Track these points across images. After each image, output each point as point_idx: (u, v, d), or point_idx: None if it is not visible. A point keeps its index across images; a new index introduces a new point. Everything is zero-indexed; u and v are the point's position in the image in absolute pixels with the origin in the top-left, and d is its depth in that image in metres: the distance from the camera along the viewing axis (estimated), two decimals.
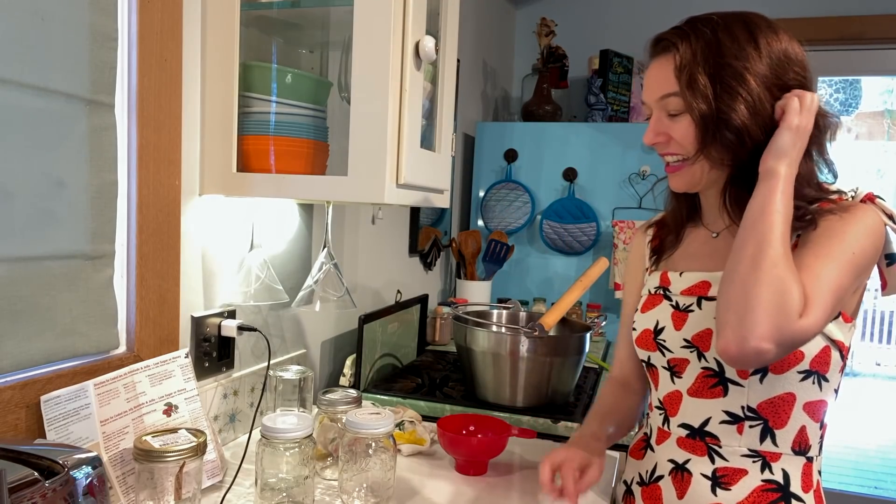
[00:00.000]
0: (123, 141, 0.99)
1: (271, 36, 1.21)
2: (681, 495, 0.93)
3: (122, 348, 1.03)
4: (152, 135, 1.02)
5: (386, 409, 1.03)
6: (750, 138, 0.84)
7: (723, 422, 0.90)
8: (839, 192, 0.90)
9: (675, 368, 0.96)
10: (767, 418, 0.88)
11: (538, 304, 2.35)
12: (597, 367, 1.85)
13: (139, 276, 1.02)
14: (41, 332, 0.88)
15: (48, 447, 0.75)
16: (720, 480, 0.90)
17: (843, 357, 0.88)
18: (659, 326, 0.97)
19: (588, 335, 1.49)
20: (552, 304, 1.49)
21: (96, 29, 0.92)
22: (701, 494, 0.91)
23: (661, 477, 0.97)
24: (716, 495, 0.90)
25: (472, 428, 1.24)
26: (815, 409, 0.89)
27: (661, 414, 0.99)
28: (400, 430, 1.24)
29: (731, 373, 0.89)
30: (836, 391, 0.91)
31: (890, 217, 0.86)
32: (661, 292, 1.00)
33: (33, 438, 0.86)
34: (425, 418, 1.33)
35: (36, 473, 0.66)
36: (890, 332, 6.62)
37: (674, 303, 0.97)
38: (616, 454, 1.25)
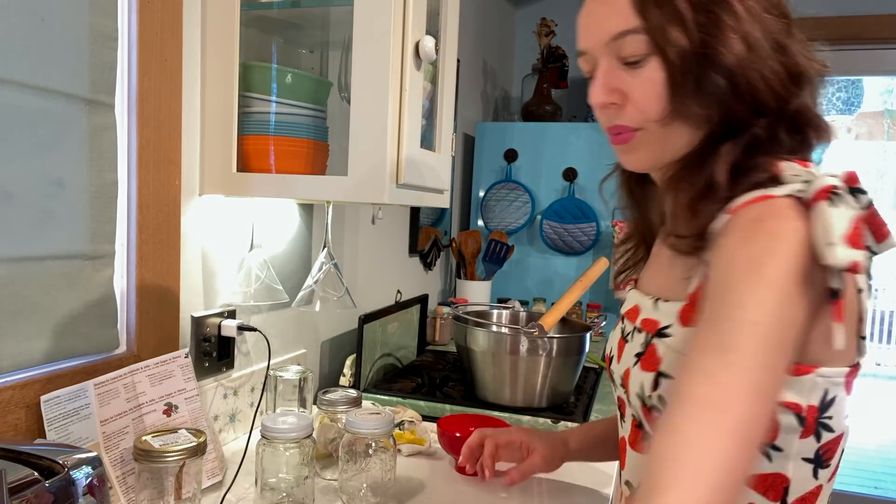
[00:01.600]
0: (123, 141, 0.99)
1: (271, 36, 1.21)
2: None
3: (122, 348, 1.03)
4: (152, 135, 1.02)
5: (386, 409, 1.04)
6: (746, 83, 0.61)
7: None
8: (780, 182, 0.60)
9: (620, 409, 0.77)
10: None
11: (538, 304, 2.35)
12: (597, 367, 1.84)
13: (139, 276, 1.02)
14: (41, 332, 0.88)
15: (48, 447, 0.75)
16: None
17: (806, 420, 0.60)
18: (611, 354, 0.79)
19: (588, 335, 1.49)
20: (552, 304, 1.49)
21: (96, 29, 0.92)
22: None
23: None
24: None
25: (472, 428, 1.24)
26: (767, 486, 0.63)
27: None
28: (400, 430, 1.24)
29: (648, 427, 0.69)
30: (813, 461, 0.62)
31: (826, 231, 0.54)
32: (621, 311, 0.82)
33: (33, 438, 0.86)
34: (425, 418, 1.33)
35: (36, 473, 0.66)
36: (890, 332, 6.62)
37: (623, 326, 0.77)
38: None
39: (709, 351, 0.54)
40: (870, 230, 0.55)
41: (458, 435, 1.20)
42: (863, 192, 0.56)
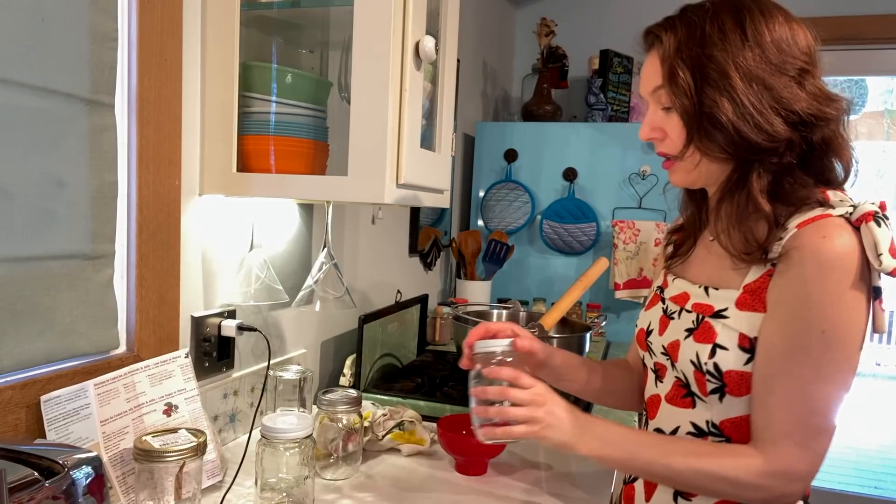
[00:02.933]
0: (123, 141, 0.99)
1: (271, 36, 1.21)
2: (648, 498, 0.93)
3: (122, 348, 1.03)
4: (152, 135, 1.02)
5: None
6: (737, 134, 0.79)
7: (689, 433, 0.88)
8: (830, 205, 0.80)
9: (658, 372, 0.95)
10: (729, 436, 0.85)
11: (538, 304, 2.35)
12: None
13: (139, 276, 1.02)
14: (41, 332, 0.88)
15: (48, 447, 0.75)
16: (683, 490, 0.89)
17: None
18: (650, 328, 0.97)
19: (588, 335, 1.49)
20: (552, 304, 1.49)
21: (96, 29, 0.92)
22: (663, 500, 0.91)
23: (636, 478, 0.98)
24: (676, 503, 0.89)
25: (472, 428, 1.24)
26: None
27: (643, 415, 1.00)
28: (400, 430, 1.24)
29: (694, 387, 0.87)
30: None
31: (875, 246, 0.74)
32: (659, 293, 0.99)
33: (33, 438, 0.86)
34: (425, 418, 1.33)
35: (36, 473, 0.66)
36: (890, 332, 6.62)
37: (665, 306, 0.95)
38: None
39: (789, 351, 0.77)
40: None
41: (458, 435, 1.20)
42: (888, 217, 0.76)
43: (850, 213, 0.77)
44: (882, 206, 0.77)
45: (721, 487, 0.81)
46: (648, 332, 0.97)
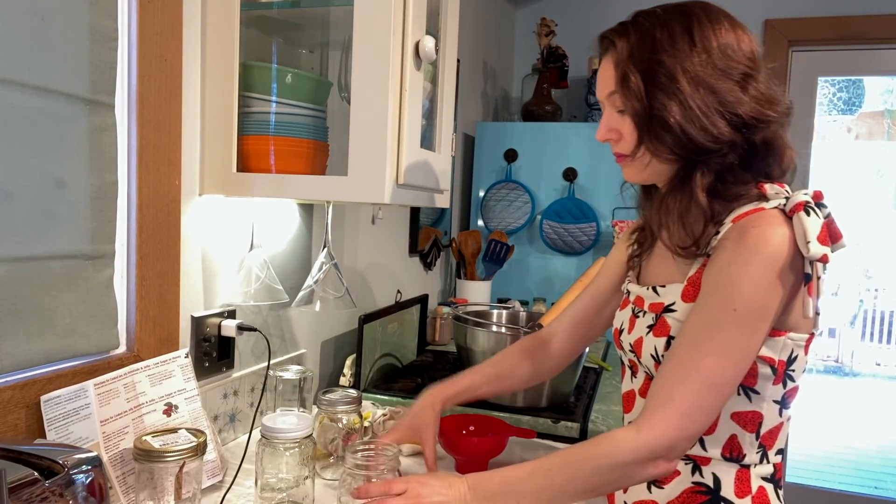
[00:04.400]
0: (123, 141, 0.99)
1: (271, 36, 1.21)
2: (625, 489, 0.95)
3: (122, 348, 1.03)
4: (152, 135, 1.02)
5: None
6: (684, 135, 0.82)
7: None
8: (766, 198, 0.83)
9: (633, 369, 0.98)
10: None
11: (538, 304, 2.35)
12: (597, 367, 1.84)
13: (139, 276, 1.02)
14: (41, 332, 0.88)
15: (48, 447, 0.75)
16: (656, 479, 0.90)
17: (777, 370, 0.84)
18: (622, 327, 0.99)
19: None
20: (552, 304, 1.49)
21: (96, 29, 0.92)
22: (638, 490, 0.93)
23: None
24: (650, 493, 0.91)
25: (472, 428, 1.24)
26: (746, 420, 0.86)
27: (620, 410, 1.02)
28: None
29: None
30: (780, 402, 0.87)
31: (804, 234, 0.77)
32: (628, 295, 1.02)
33: (33, 438, 0.86)
34: None
35: (36, 473, 0.66)
36: (890, 332, 6.61)
37: (633, 307, 0.98)
38: None
39: (701, 326, 0.81)
40: (828, 234, 0.79)
41: (458, 435, 1.20)
42: (824, 206, 0.80)
43: (784, 205, 0.81)
44: (816, 196, 0.81)
45: (606, 476, 0.80)
46: (620, 332, 1.00)
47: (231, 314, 1.23)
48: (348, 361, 1.56)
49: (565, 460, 0.82)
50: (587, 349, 1.49)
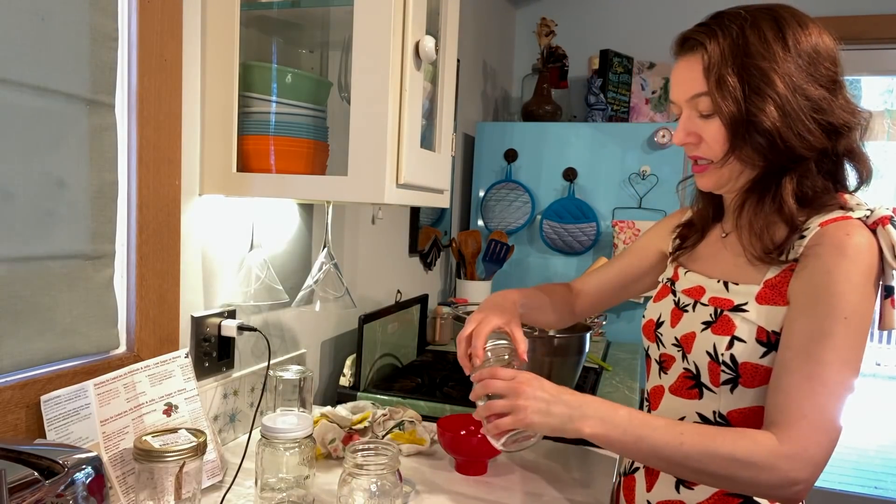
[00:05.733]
0: (123, 141, 0.99)
1: (271, 36, 1.21)
2: (649, 488, 0.95)
3: (122, 348, 1.03)
4: (152, 135, 1.02)
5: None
6: (781, 141, 0.82)
7: (694, 423, 0.89)
8: (849, 209, 0.84)
9: (664, 364, 0.97)
10: (736, 426, 0.86)
11: None
12: (597, 367, 1.84)
13: (139, 276, 1.02)
14: (41, 332, 0.88)
15: (48, 447, 0.75)
16: (687, 477, 0.88)
17: None
18: (660, 319, 0.99)
19: (588, 335, 1.49)
20: None
21: (96, 29, 0.92)
22: (665, 491, 0.93)
23: (637, 469, 1.00)
24: (679, 493, 0.91)
25: (472, 428, 1.24)
26: None
27: (646, 406, 1.01)
28: (400, 430, 1.24)
29: (705, 378, 0.89)
30: None
31: (893, 248, 0.80)
32: (670, 285, 1.01)
33: (33, 438, 0.86)
34: (425, 418, 1.33)
35: (36, 473, 0.66)
36: (890, 332, 6.62)
37: (676, 299, 0.98)
38: None
39: (813, 336, 0.79)
40: None
41: (458, 434, 1.20)
42: None
43: (868, 217, 0.82)
44: (895, 211, 0.82)
45: (733, 470, 0.78)
46: (659, 324, 0.98)
47: (231, 314, 1.23)
48: (348, 361, 1.56)
49: (702, 434, 0.80)
50: (587, 349, 1.49)
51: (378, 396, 1.49)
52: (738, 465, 0.77)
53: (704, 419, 0.90)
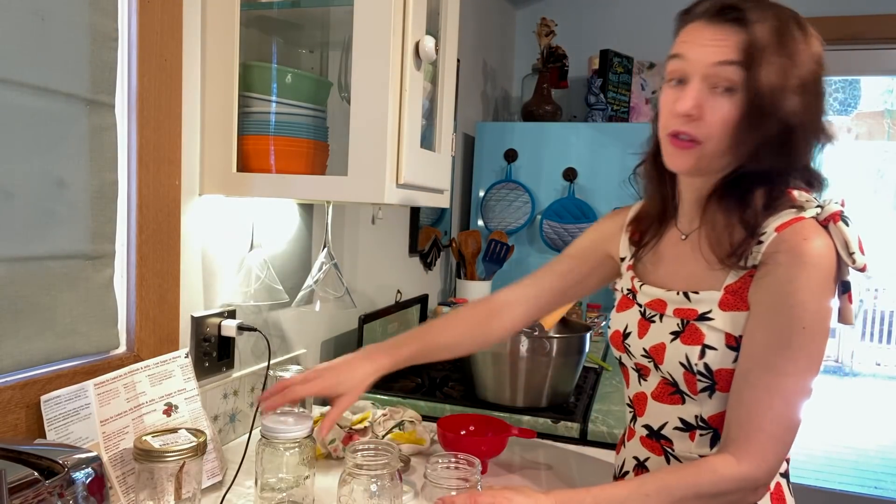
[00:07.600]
0: (123, 141, 0.99)
1: (271, 36, 1.21)
2: None
3: (122, 348, 1.03)
4: (152, 135, 1.02)
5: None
6: (787, 135, 0.80)
7: (676, 427, 0.91)
8: (800, 206, 0.83)
9: (642, 371, 0.96)
10: (717, 428, 0.87)
11: None
12: (597, 367, 1.84)
13: (139, 276, 1.02)
14: (41, 332, 0.88)
15: (48, 447, 0.75)
16: None
17: None
18: (627, 330, 0.97)
19: (588, 335, 1.49)
20: None
21: (96, 29, 0.92)
22: None
23: (627, 472, 1.00)
24: None
25: (472, 428, 1.24)
26: None
27: (630, 412, 1.01)
28: (400, 430, 1.24)
29: (684, 386, 0.89)
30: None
31: (846, 244, 0.79)
32: (631, 297, 0.99)
33: (33, 438, 0.86)
34: (425, 418, 1.33)
35: (36, 473, 0.66)
36: (890, 332, 6.62)
37: (642, 309, 0.96)
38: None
39: (772, 348, 0.80)
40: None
41: (458, 435, 1.20)
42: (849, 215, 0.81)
43: (819, 215, 0.81)
44: (842, 205, 0.82)
45: (704, 503, 0.80)
46: (626, 335, 0.97)
47: (231, 314, 1.23)
48: None
49: (665, 486, 0.80)
50: (587, 350, 1.49)
51: (378, 396, 1.49)
52: (707, 499, 0.79)
53: (686, 423, 0.90)
